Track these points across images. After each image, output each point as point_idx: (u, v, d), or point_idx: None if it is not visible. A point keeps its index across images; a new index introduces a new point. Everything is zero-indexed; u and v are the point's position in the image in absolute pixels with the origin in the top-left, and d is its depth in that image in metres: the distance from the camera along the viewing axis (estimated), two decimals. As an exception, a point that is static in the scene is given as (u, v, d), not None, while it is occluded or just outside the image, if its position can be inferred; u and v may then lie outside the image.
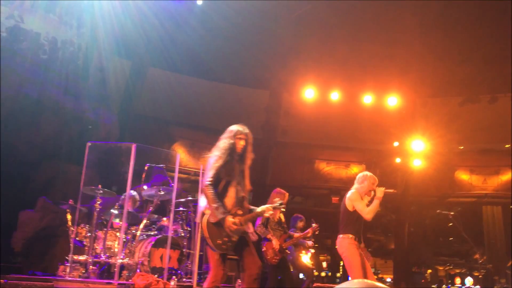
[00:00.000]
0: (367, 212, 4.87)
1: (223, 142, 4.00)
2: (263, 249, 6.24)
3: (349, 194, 5.09)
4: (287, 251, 6.44)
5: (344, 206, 5.07)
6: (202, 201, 3.85)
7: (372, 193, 5.03)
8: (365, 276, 4.90)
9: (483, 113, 12.49)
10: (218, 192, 3.77)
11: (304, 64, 12.06)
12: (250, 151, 4.04)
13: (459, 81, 12.02)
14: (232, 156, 3.90)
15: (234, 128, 4.10)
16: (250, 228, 4.06)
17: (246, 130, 4.07)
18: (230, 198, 3.82)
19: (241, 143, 4.00)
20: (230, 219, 3.68)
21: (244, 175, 3.98)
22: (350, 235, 4.91)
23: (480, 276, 9.35)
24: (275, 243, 6.16)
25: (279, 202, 4.23)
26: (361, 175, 5.21)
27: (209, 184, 3.72)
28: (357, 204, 4.94)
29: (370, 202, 5.00)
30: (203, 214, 3.79)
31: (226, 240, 3.66)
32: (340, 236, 4.99)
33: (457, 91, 12.71)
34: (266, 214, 4.11)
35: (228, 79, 12.81)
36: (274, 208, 4.13)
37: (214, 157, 3.90)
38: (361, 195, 5.04)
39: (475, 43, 10.65)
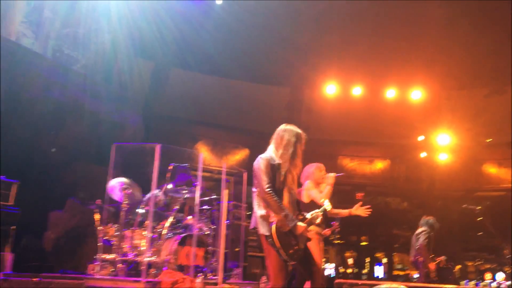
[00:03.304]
0: (320, 197, 4.92)
1: (286, 143, 3.67)
2: None
3: (304, 185, 5.21)
4: None
5: (301, 199, 5.14)
6: (258, 208, 3.57)
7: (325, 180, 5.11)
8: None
9: (510, 104, 12.18)
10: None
11: (325, 60, 11.98)
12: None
13: (485, 72, 11.74)
14: (293, 159, 3.65)
15: (297, 129, 3.79)
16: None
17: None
18: (286, 203, 3.57)
19: (302, 149, 3.73)
20: (301, 225, 3.48)
21: (294, 180, 3.70)
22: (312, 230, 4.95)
23: (511, 272, 9.16)
24: None
25: (326, 205, 4.03)
26: (306, 167, 5.30)
27: (270, 189, 3.43)
28: (311, 192, 5.08)
29: None
30: (263, 220, 3.49)
31: (297, 249, 3.45)
32: None
33: (484, 83, 12.42)
34: (317, 221, 3.90)
35: (249, 77, 12.83)
36: (321, 212, 3.93)
37: (265, 160, 3.57)
38: (315, 184, 5.16)
39: (501, 34, 10.36)
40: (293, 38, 11.47)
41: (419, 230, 7.69)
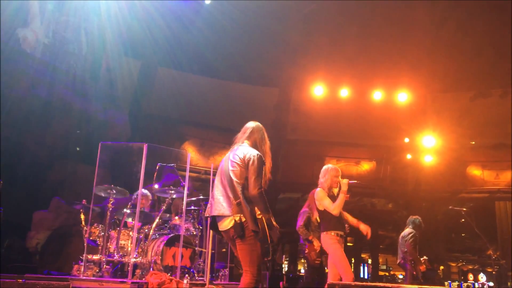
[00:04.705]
0: (333, 208, 4.93)
1: (265, 142, 3.84)
2: (305, 251, 6.27)
3: (315, 193, 5.15)
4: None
5: (316, 205, 5.13)
6: (234, 198, 3.54)
7: (338, 186, 5.07)
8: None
9: (495, 107, 12.37)
10: None
11: (313, 61, 12.03)
12: None
13: (470, 75, 11.90)
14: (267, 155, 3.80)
15: (260, 125, 3.95)
16: None
17: None
18: None
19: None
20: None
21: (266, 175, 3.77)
22: (332, 233, 4.96)
23: (494, 272, 9.29)
24: (316, 244, 6.14)
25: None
26: (323, 168, 5.27)
27: (261, 189, 3.49)
28: (323, 202, 5.02)
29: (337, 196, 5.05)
30: (251, 216, 3.47)
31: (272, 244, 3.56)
32: (322, 233, 5.05)
33: (469, 85, 12.59)
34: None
35: (237, 78, 12.83)
36: None
37: (260, 159, 3.60)
38: (325, 191, 5.09)
39: (487, 37, 10.52)
40: (282, 39, 11.50)
41: (406, 231, 7.73)
